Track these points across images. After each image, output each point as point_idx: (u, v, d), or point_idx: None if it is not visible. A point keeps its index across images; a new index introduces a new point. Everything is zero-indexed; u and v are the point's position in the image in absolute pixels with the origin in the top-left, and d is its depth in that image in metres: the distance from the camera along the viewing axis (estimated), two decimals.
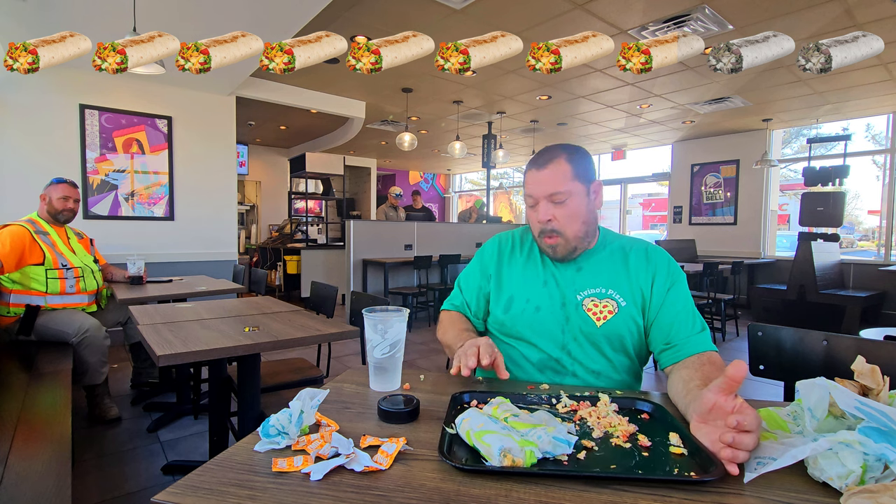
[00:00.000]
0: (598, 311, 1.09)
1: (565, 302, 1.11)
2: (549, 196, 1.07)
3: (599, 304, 1.09)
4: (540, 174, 1.09)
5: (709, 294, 4.78)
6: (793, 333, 1.21)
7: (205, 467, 0.65)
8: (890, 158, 5.93)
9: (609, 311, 1.08)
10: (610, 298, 1.10)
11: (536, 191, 1.09)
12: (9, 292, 2.43)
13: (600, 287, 1.11)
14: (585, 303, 1.10)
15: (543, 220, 1.08)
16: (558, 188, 1.06)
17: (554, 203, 1.07)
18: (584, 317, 1.09)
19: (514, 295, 1.16)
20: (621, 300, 1.09)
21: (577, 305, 1.10)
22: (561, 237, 1.09)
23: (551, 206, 1.08)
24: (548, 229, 1.09)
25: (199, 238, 4.67)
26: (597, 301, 1.10)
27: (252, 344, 1.49)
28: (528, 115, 6.34)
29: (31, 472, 1.18)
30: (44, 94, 3.86)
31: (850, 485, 0.58)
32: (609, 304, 1.09)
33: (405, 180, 12.03)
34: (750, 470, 0.67)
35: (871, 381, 0.74)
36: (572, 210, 1.07)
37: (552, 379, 1.12)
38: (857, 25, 3.48)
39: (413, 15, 3.43)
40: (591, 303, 1.10)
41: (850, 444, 0.60)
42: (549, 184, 1.07)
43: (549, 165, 1.08)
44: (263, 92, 4.93)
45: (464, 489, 0.61)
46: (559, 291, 1.13)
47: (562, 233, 1.08)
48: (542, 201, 1.08)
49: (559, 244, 1.10)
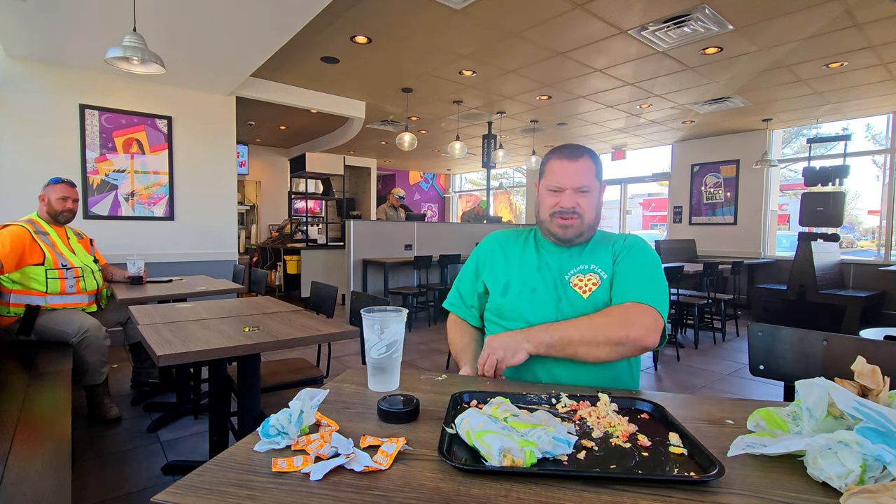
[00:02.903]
0: (583, 285, 1.18)
1: (557, 284, 1.21)
2: (578, 188, 1.18)
3: (584, 278, 1.19)
4: (572, 166, 1.19)
5: (709, 294, 4.78)
6: (793, 333, 1.21)
7: (205, 467, 0.65)
8: (890, 158, 5.93)
9: (593, 284, 1.18)
10: (592, 272, 1.20)
11: (566, 181, 1.18)
12: (9, 292, 2.43)
13: (583, 264, 1.22)
14: (572, 280, 1.20)
15: (568, 207, 1.18)
16: (585, 182, 1.18)
17: (579, 193, 1.18)
18: (572, 292, 1.18)
19: (511, 280, 1.25)
20: (602, 273, 1.19)
21: (565, 285, 1.20)
22: (579, 220, 1.19)
23: (577, 195, 1.18)
24: (569, 212, 1.18)
25: (199, 238, 4.67)
26: (581, 276, 1.20)
27: (252, 344, 1.49)
28: (528, 115, 6.34)
29: (31, 472, 1.18)
30: (44, 94, 3.86)
31: (849, 484, 0.58)
32: (592, 277, 1.19)
33: (405, 180, 12.03)
34: (737, 449, 0.69)
35: (870, 381, 0.74)
36: (592, 202, 1.20)
37: (546, 364, 1.15)
38: (857, 25, 3.48)
39: (413, 15, 3.43)
40: (576, 279, 1.20)
41: (848, 444, 0.60)
42: (579, 176, 1.18)
43: (581, 160, 1.19)
44: (263, 92, 4.93)
45: (464, 489, 0.61)
46: (551, 275, 1.22)
47: (582, 216, 1.19)
48: (569, 191, 1.18)
49: (575, 225, 1.19)
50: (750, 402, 0.93)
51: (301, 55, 4.22)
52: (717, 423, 0.83)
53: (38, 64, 3.81)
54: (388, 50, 4.11)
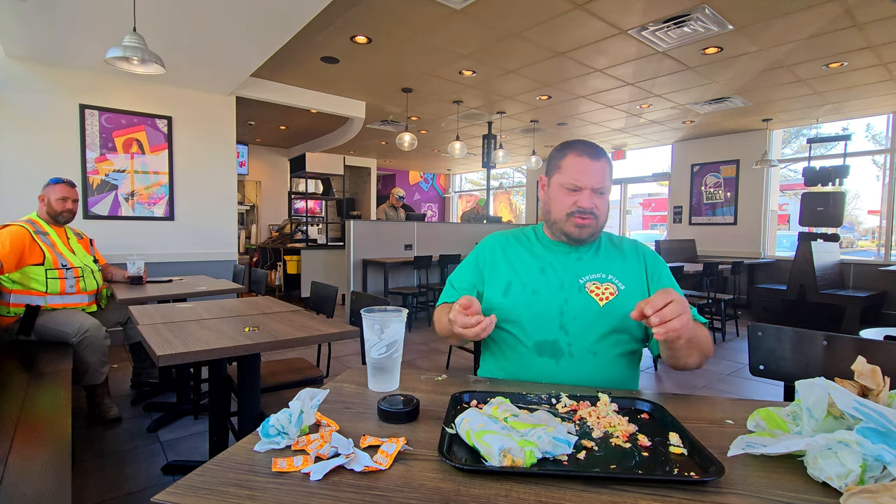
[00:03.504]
0: (600, 293, 1.18)
1: (563, 286, 1.19)
2: (597, 188, 1.18)
3: (601, 286, 1.19)
4: (594, 165, 1.18)
5: (709, 294, 4.78)
6: (793, 333, 1.21)
7: (205, 467, 0.65)
8: (890, 158, 5.93)
9: (610, 293, 1.18)
10: (610, 283, 1.20)
11: (587, 180, 1.18)
12: (9, 292, 2.43)
13: (601, 273, 1.21)
14: (588, 286, 1.19)
15: (587, 207, 1.17)
16: (604, 183, 1.19)
17: (598, 194, 1.19)
18: (587, 297, 1.18)
19: (513, 280, 1.23)
20: (620, 284, 1.20)
21: (579, 288, 1.18)
22: (595, 220, 1.19)
23: (595, 196, 1.18)
24: (588, 212, 1.18)
25: (199, 238, 4.67)
26: (598, 284, 1.19)
27: (252, 344, 1.49)
28: (528, 115, 6.34)
29: (31, 472, 1.18)
30: (44, 94, 3.86)
31: (849, 484, 0.58)
32: (610, 287, 1.19)
33: (405, 180, 12.03)
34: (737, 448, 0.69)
35: (871, 381, 0.74)
36: (606, 203, 1.22)
37: (550, 362, 1.14)
38: (857, 25, 3.48)
39: (413, 15, 3.43)
40: (593, 286, 1.19)
41: (848, 444, 0.60)
42: (599, 177, 1.18)
43: (601, 160, 1.19)
44: (263, 92, 4.93)
45: (464, 489, 0.61)
46: (557, 277, 1.21)
47: (598, 217, 1.20)
48: (588, 191, 1.18)
49: (591, 225, 1.19)
50: (750, 402, 0.93)
51: (301, 55, 4.22)
52: (717, 423, 0.83)
53: (37, 64, 3.81)
54: (388, 50, 4.11)
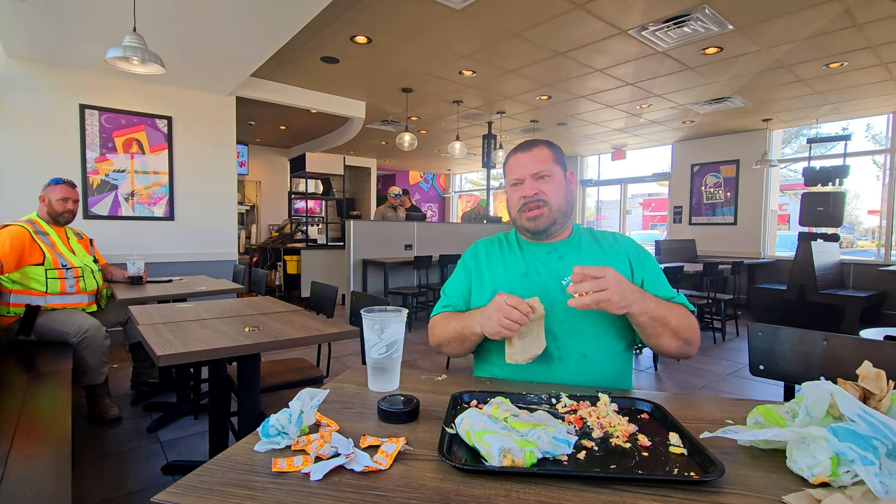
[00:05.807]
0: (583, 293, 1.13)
1: (548, 290, 1.16)
2: (535, 174, 1.18)
3: None
4: (525, 156, 1.20)
5: (709, 294, 4.78)
6: (793, 333, 1.21)
7: (205, 467, 0.66)
8: (890, 158, 5.93)
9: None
10: None
11: (522, 171, 1.20)
12: (9, 292, 2.43)
13: None
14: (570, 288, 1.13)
15: (530, 194, 1.18)
16: (542, 167, 1.19)
17: (539, 179, 1.19)
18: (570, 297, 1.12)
19: (497, 287, 1.19)
20: None
21: (562, 289, 1.14)
22: (546, 207, 1.18)
23: (537, 182, 1.19)
24: (533, 200, 1.18)
25: (199, 238, 4.67)
26: None
27: (252, 344, 1.49)
28: (528, 115, 6.34)
29: (31, 472, 1.18)
30: (44, 94, 3.86)
31: (817, 475, 0.61)
32: None
33: (405, 180, 12.03)
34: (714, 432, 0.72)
35: (874, 386, 0.74)
36: (556, 187, 1.20)
37: (541, 369, 1.12)
38: (857, 25, 3.48)
39: (413, 15, 3.43)
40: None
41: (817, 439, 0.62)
42: (534, 163, 1.19)
43: (534, 149, 1.21)
44: (263, 92, 4.93)
45: (464, 489, 0.61)
46: (541, 280, 1.18)
47: (548, 202, 1.18)
48: (528, 179, 1.19)
49: (543, 214, 1.18)
50: (750, 402, 0.93)
51: (301, 55, 4.22)
52: (717, 423, 0.83)
53: (38, 64, 3.81)
54: (388, 50, 4.11)
